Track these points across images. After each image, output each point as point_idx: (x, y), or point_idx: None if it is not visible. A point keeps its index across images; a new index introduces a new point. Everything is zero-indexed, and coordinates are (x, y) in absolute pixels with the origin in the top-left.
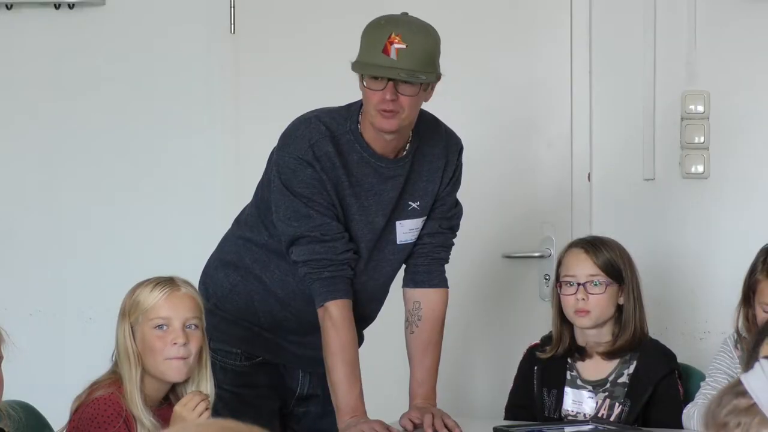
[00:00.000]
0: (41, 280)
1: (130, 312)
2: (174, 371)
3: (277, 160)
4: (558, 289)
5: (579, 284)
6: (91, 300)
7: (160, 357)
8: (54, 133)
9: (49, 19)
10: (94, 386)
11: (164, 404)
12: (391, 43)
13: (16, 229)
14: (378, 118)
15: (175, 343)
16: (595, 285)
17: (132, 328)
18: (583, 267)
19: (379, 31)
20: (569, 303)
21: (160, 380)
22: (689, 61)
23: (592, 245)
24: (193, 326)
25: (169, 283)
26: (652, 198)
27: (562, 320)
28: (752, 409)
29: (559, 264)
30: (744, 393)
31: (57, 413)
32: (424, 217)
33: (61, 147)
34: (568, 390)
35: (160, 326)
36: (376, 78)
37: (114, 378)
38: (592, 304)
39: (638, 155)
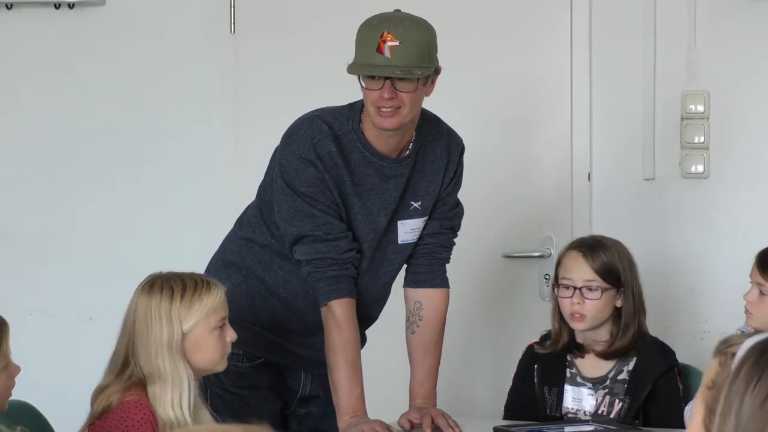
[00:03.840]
0: (41, 280)
1: (183, 320)
2: (225, 363)
3: (279, 159)
4: (556, 289)
5: (575, 288)
6: (91, 300)
7: (219, 354)
8: (54, 133)
9: (49, 19)
10: (125, 384)
11: None
12: (384, 42)
13: (16, 229)
14: (378, 117)
15: (232, 340)
16: (591, 290)
17: (183, 335)
18: (580, 271)
19: (372, 30)
20: (566, 306)
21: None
22: (689, 61)
23: (591, 248)
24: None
25: (207, 281)
26: (652, 198)
27: (561, 318)
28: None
29: (558, 264)
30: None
31: (57, 413)
32: (426, 217)
33: (61, 147)
34: (568, 387)
35: (219, 327)
36: (372, 77)
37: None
38: (587, 309)
39: (638, 155)
